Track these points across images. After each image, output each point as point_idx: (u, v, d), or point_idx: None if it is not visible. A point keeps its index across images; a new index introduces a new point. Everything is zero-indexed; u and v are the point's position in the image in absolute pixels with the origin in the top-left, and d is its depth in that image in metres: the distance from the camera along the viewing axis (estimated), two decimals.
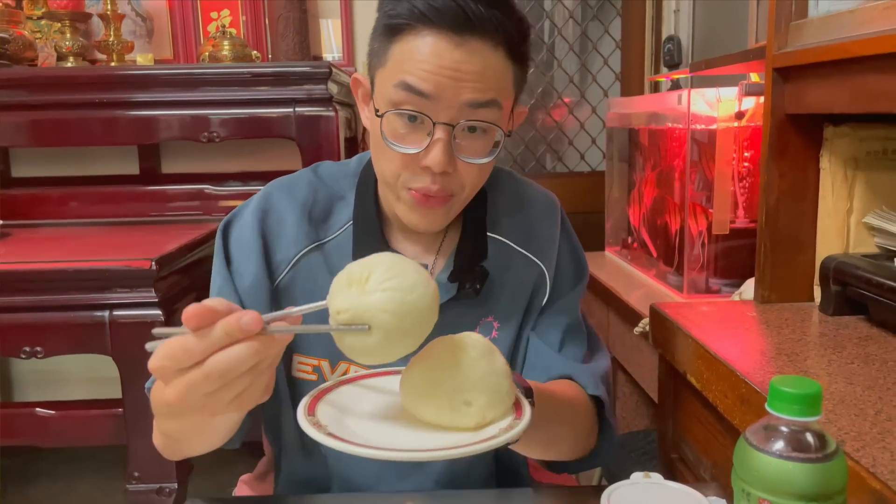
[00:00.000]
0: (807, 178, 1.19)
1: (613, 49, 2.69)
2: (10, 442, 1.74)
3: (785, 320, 1.13)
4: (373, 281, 0.62)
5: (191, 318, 0.59)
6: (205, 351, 0.59)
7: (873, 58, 0.91)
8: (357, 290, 0.63)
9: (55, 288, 1.61)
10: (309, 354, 0.96)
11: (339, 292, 0.64)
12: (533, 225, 1.03)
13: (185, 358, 0.60)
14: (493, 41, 0.83)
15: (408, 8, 0.82)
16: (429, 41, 0.82)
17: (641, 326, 1.50)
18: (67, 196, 2.28)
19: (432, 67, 0.81)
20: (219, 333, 0.59)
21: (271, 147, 2.36)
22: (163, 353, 0.61)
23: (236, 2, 2.43)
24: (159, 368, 0.61)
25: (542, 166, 2.78)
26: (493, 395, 0.64)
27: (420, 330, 0.65)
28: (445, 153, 0.84)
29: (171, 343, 0.60)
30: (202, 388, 0.60)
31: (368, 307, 0.62)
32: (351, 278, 0.64)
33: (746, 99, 1.51)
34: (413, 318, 0.63)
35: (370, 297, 0.62)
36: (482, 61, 0.83)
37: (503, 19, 0.83)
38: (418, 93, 0.82)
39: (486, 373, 0.64)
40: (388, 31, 0.85)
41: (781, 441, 0.56)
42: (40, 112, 2.08)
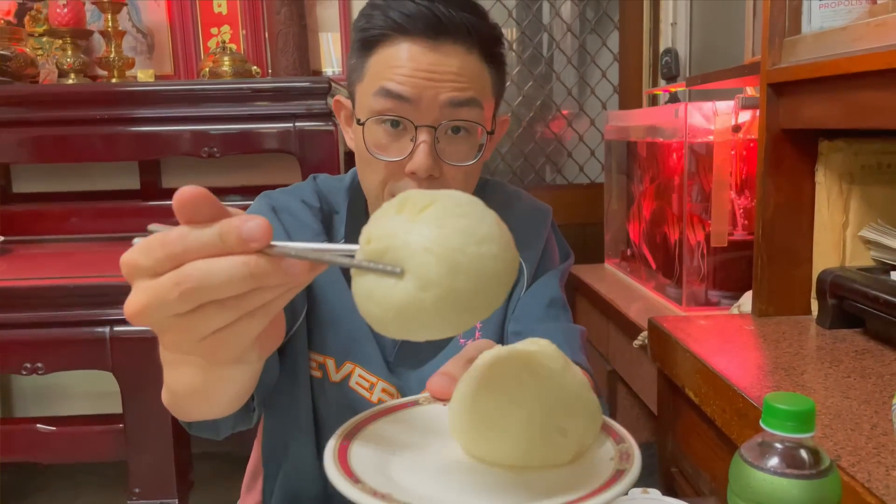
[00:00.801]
0: (802, 192, 1.19)
1: (611, 62, 2.71)
2: (10, 458, 1.74)
3: (782, 334, 1.13)
4: (431, 211, 0.44)
5: (185, 202, 0.45)
6: (186, 251, 0.45)
7: (865, 74, 0.92)
8: (406, 218, 0.44)
9: (56, 304, 1.62)
10: (317, 351, 0.95)
11: (383, 217, 0.46)
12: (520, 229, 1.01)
13: (162, 254, 0.45)
14: (466, 44, 0.85)
15: (381, 19, 0.84)
16: (404, 48, 0.83)
17: (641, 339, 1.50)
18: (68, 212, 2.30)
19: (409, 71, 0.83)
20: (211, 234, 0.45)
21: (272, 162, 2.37)
22: (140, 245, 0.46)
23: (236, 17, 2.44)
24: (129, 263, 0.46)
25: (542, 178, 2.79)
26: (589, 416, 0.51)
27: (476, 301, 0.44)
28: (430, 156, 0.84)
29: (154, 236, 0.46)
30: (170, 305, 0.45)
31: (410, 242, 0.43)
32: (405, 202, 0.46)
33: (743, 112, 1.52)
34: (471, 279, 0.42)
35: (419, 227, 0.43)
36: (459, 62, 0.84)
37: (475, 22, 0.85)
38: (397, 96, 0.83)
39: (577, 389, 0.50)
40: (364, 45, 0.86)
41: (776, 457, 0.56)
42: (41, 128, 2.09)
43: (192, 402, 0.68)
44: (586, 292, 2.10)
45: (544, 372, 0.50)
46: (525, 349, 0.54)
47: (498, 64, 0.91)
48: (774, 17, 1.15)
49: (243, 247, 0.44)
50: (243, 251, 0.44)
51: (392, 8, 0.84)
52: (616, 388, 2.00)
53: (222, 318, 0.46)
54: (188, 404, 0.69)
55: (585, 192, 2.67)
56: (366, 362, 0.94)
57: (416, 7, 0.83)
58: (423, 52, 0.83)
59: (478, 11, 0.87)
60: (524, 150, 2.75)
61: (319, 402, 0.97)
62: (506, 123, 0.98)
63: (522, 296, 1.02)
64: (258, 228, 0.44)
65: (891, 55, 0.86)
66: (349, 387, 0.95)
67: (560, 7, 2.72)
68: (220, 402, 0.68)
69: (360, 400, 0.95)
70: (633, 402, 1.95)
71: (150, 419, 1.63)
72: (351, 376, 0.95)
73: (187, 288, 0.44)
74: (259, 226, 0.44)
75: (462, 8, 0.85)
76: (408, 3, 0.83)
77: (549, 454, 0.49)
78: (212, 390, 0.64)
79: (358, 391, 0.95)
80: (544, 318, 0.99)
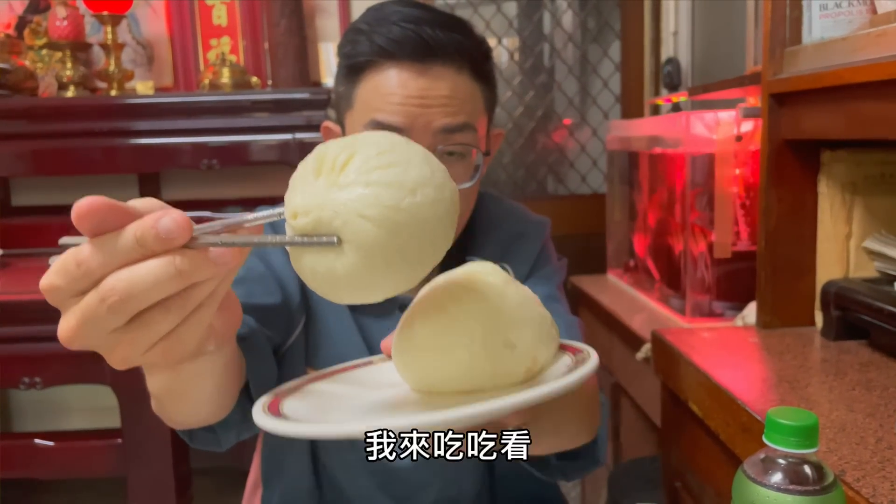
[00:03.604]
0: (805, 203, 1.18)
1: (613, 71, 2.70)
2: (8, 474, 1.74)
3: (786, 346, 1.12)
4: (352, 168, 0.40)
5: (84, 215, 0.41)
6: (104, 264, 0.42)
7: (866, 84, 0.91)
8: (326, 181, 0.41)
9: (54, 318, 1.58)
10: (314, 365, 0.94)
11: (302, 182, 0.43)
12: (513, 242, 1.03)
13: (79, 273, 0.42)
14: (456, 65, 0.84)
15: (367, 45, 0.83)
16: (393, 74, 0.82)
17: (644, 352, 1.49)
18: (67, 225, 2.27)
19: (399, 99, 0.82)
20: (126, 240, 0.42)
21: (272, 174, 2.37)
22: (55, 267, 0.44)
23: (236, 29, 2.44)
24: (49, 288, 0.43)
25: (544, 189, 2.78)
26: (538, 327, 0.46)
27: (425, 251, 0.41)
28: None
29: (67, 254, 0.43)
30: (104, 322, 0.42)
31: (340, 208, 0.40)
32: (321, 163, 0.42)
33: (745, 122, 1.51)
34: (414, 233, 0.40)
35: (345, 192, 0.40)
36: (449, 85, 0.83)
37: (463, 42, 0.84)
38: (389, 128, 0.81)
39: (522, 300, 0.46)
40: (351, 72, 0.85)
41: (779, 473, 0.56)
42: (41, 141, 2.09)
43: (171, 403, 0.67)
44: (589, 303, 2.09)
45: (482, 287, 0.46)
46: (462, 270, 0.50)
47: (488, 79, 0.90)
48: (775, 27, 1.14)
49: (164, 246, 0.41)
50: (165, 250, 0.41)
51: (377, 33, 0.83)
52: (619, 401, 1.99)
53: (163, 323, 0.43)
54: (169, 407, 0.68)
55: (588, 202, 2.66)
56: None
57: (402, 31, 0.82)
58: (412, 77, 0.82)
59: (464, 30, 0.86)
60: (526, 160, 2.74)
61: None
62: (500, 137, 0.98)
63: None
64: (175, 223, 0.41)
65: (892, 65, 0.86)
66: None
67: (561, 17, 2.72)
68: (198, 399, 0.66)
69: None
70: (636, 414, 1.93)
71: (149, 433, 1.62)
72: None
73: (114, 301, 0.41)
74: (175, 220, 0.41)
75: (449, 28, 0.83)
76: (393, 27, 0.82)
77: (498, 371, 0.44)
78: (183, 389, 0.62)
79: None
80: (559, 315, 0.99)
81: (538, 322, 0.45)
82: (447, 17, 0.86)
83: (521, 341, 0.45)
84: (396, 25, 0.82)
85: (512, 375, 0.45)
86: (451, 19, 0.86)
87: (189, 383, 0.61)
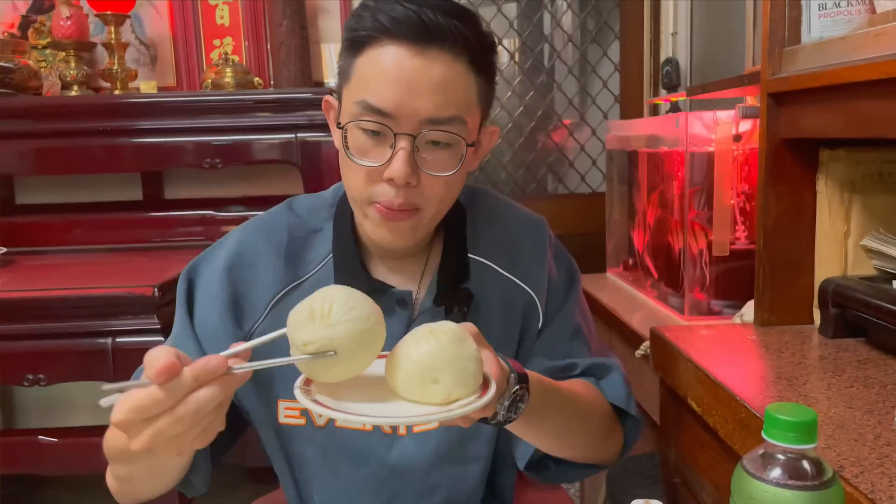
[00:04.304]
0: (804, 202, 1.19)
1: (612, 72, 2.71)
2: (12, 470, 1.74)
3: (785, 343, 1.13)
4: (335, 314, 0.68)
5: (161, 373, 0.61)
6: (174, 400, 0.62)
7: (865, 84, 0.92)
8: (321, 324, 0.68)
9: (58, 315, 1.62)
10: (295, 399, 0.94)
11: (304, 325, 0.69)
12: (516, 247, 1.03)
13: (155, 409, 0.62)
14: (453, 51, 0.84)
15: (370, 21, 0.84)
16: (390, 51, 0.83)
17: (643, 349, 1.50)
18: (71, 223, 2.30)
19: (391, 79, 0.82)
20: (187, 380, 0.62)
21: (274, 172, 2.38)
22: (129, 406, 0.62)
23: (239, 29, 2.45)
24: (125, 421, 0.63)
25: (543, 188, 2.79)
26: (459, 375, 0.69)
27: (375, 349, 0.72)
28: (408, 163, 0.83)
29: (137, 396, 0.62)
30: (171, 432, 0.63)
31: (334, 338, 0.68)
32: (313, 312, 0.69)
33: (743, 122, 1.52)
34: (370, 342, 0.70)
35: (335, 329, 0.68)
36: (443, 71, 0.83)
37: (463, 29, 0.84)
38: (378, 111, 0.83)
39: (453, 356, 0.69)
40: (352, 46, 0.87)
41: (778, 469, 0.56)
42: (45, 140, 2.10)
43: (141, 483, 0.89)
44: (588, 302, 2.08)
45: (435, 341, 0.70)
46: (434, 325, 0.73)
47: (487, 72, 0.89)
48: (774, 27, 1.15)
49: (213, 377, 0.63)
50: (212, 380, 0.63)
51: (381, 10, 0.84)
52: None
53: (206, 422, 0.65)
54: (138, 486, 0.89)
55: (587, 201, 2.67)
56: None
57: (404, 11, 0.82)
58: (407, 55, 0.83)
59: (468, 19, 0.86)
60: (525, 159, 2.75)
61: (305, 449, 0.97)
62: (495, 134, 0.97)
63: (543, 331, 1.01)
64: (219, 365, 0.63)
65: (891, 64, 0.86)
66: (336, 426, 0.95)
67: (561, 17, 2.73)
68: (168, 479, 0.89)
69: (353, 434, 0.95)
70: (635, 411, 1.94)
71: None
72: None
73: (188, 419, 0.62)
74: (219, 363, 0.63)
75: (451, 14, 0.84)
76: (396, 6, 0.83)
77: (425, 394, 0.69)
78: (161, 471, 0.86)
79: (348, 426, 0.95)
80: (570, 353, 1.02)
81: (461, 372, 0.69)
82: (454, 5, 0.86)
83: (443, 381, 0.69)
84: (400, 5, 0.83)
85: (433, 400, 0.69)
86: (457, 7, 0.86)
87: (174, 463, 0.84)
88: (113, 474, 0.91)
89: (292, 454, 0.99)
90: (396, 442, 0.96)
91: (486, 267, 1.00)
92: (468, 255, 1.00)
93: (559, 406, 0.90)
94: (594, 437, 0.98)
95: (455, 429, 0.95)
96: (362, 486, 0.98)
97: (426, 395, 0.69)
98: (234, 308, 0.95)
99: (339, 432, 0.95)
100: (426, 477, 0.98)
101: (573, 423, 0.93)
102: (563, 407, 0.91)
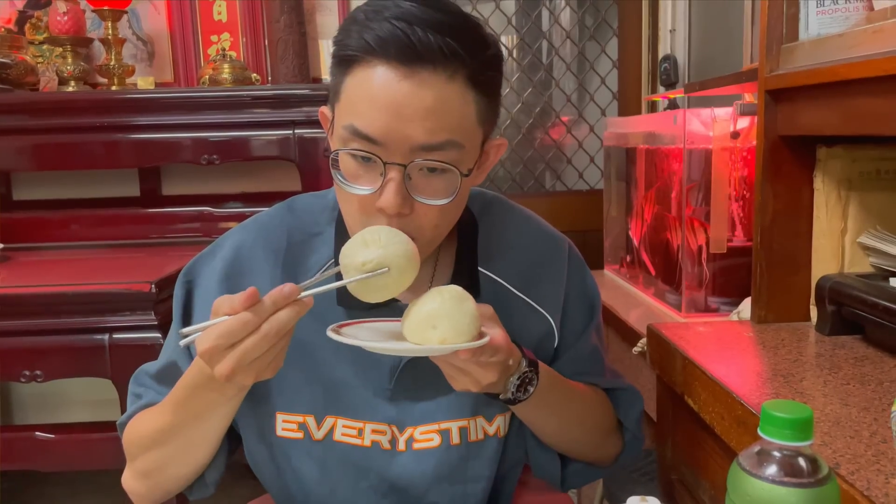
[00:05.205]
0: (801, 199, 1.19)
1: (611, 69, 2.71)
2: (9, 466, 1.74)
3: (781, 340, 1.13)
4: (384, 239, 0.78)
5: (246, 300, 0.70)
6: (258, 321, 0.70)
7: (862, 81, 0.92)
8: (375, 246, 0.78)
9: (55, 311, 1.62)
10: (293, 412, 0.93)
11: (360, 250, 0.79)
12: (534, 268, 0.98)
13: (242, 331, 0.70)
14: (447, 72, 0.77)
15: (356, 39, 0.78)
16: (378, 73, 0.77)
17: (640, 346, 1.50)
18: (68, 219, 2.30)
19: (380, 105, 0.77)
20: (268, 304, 0.70)
21: (271, 168, 2.38)
22: (217, 333, 0.70)
23: (236, 25, 2.45)
24: (213, 348, 0.71)
25: (541, 185, 2.79)
26: (454, 325, 0.77)
27: (416, 266, 0.80)
28: (398, 194, 0.79)
29: (224, 324, 0.70)
30: (254, 353, 0.71)
31: (388, 256, 0.78)
32: (366, 241, 0.79)
33: (741, 119, 1.52)
34: (412, 259, 0.80)
35: (387, 249, 0.78)
36: (434, 95, 0.77)
37: (459, 48, 0.77)
38: (366, 138, 0.78)
39: (451, 309, 0.78)
40: (341, 64, 0.82)
41: (774, 466, 0.56)
42: (42, 136, 2.10)
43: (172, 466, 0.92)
44: None
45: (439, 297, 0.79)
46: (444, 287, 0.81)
47: (488, 90, 0.83)
48: (772, 24, 1.15)
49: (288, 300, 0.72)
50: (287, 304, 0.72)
51: (368, 28, 0.78)
52: None
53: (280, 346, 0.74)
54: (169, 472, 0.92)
55: (585, 198, 2.67)
56: (346, 411, 0.92)
57: (392, 29, 0.76)
58: (396, 79, 0.77)
59: (466, 34, 0.79)
60: (523, 156, 2.75)
61: (302, 463, 0.95)
62: (503, 147, 0.91)
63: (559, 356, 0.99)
64: (293, 290, 0.72)
65: (888, 61, 0.86)
66: (335, 440, 0.93)
67: (559, 14, 2.73)
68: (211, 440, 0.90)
69: (351, 449, 0.93)
70: None
71: None
72: (335, 430, 0.93)
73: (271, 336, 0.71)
74: (292, 289, 0.72)
75: (445, 31, 0.76)
76: (384, 23, 0.76)
77: (424, 338, 0.78)
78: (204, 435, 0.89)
79: (347, 441, 0.93)
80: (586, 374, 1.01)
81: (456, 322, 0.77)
82: (449, 17, 0.78)
83: (440, 327, 0.77)
84: (388, 22, 0.76)
85: (431, 342, 0.77)
86: (453, 20, 0.78)
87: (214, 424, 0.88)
88: (139, 470, 0.93)
89: (287, 469, 0.96)
90: (396, 458, 0.94)
91: (497, 285, 0.96)
92: (479, 268, 0.95)
93: (566, 397, 0.93)
94: (594, 435, 1.00)
95: (456, 448, 0.93)
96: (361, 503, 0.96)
97: (425, 339, 0.78)
98: None
99: (337, 446, 0.93)
100: (425, 495, 0.95)
101: (577, 416, 0.96)
102: (569, 399, 0.94)
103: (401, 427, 0.93)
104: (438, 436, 0.93)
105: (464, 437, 0.94)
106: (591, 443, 1.01)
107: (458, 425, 0.94)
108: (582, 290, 1.02)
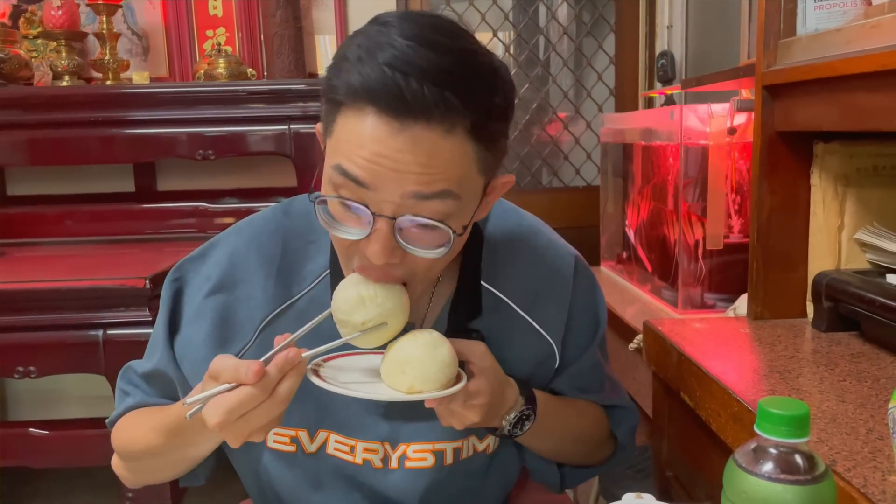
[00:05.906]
0: (798, 195, 1.19)
1: (608, 65, 2.71)
2: (3, 463, 1.74)
3: (778, 337, 1.13)
4: (380, 297, 0.79)
5: (256, 374, 0.69)
6: (267, 393, 0.70)
7: (860, 76, 0.92)
8: (373, 304, 0.79)
9: (49, 307, 1.61)
10: (285, 425, 0.90)
11: (357, 309, 0.80)
12: (539, 288, 0.94)
13: (251, 405, 0.70)
14: (443, 126, 0.70)
15: (345, 82, 0.71)
16: (369, 122, 0.70)
17: (636, 342, 1.49)
18: (63, 214, 2.29)
19: (370, 155, 0.71)
20: (274, 375, 0.70)
21: (267, 164, 2.37)
22: (225, 408, 0.69)
23: (232, 20, 2.44)
24: (223, 423, 0.70)
25: (538, 181, 2.79)
26: (424, 372, 0.79)
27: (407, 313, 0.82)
28: (386, 247, 0.74)
29: (231, 398, 0.69)
30: (262, 421, 0.72)
31: (385, 313, 0.79)
32: (363, 298, 0.79)
33: (738, 115, 1.52)
34: (404, 309, 0.81)
35: (384, 306, 0.79)
36: (428, 151, 0.70)
37: (456, 102, 0.70)
38: (355, 181, 0.72)
39: (423, 355, 0.79)
40: (331, 102, 0.75)
41: (770, 463, 0.56)
42: (36, 131, 2.09)
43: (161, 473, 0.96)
44: None
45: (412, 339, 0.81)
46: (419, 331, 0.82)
47: (490, 140, 0.75)
48: (769, 19, 1.14)
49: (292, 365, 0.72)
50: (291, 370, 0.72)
51: (359, 71, 0.70)
52: None
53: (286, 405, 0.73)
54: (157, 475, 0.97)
55: (581, 194, 2.67)
56: (339, 427, 0.91)
57: (384, 78, 0.68)
58: (388, 133, 0.70)
59: (468, 82, 0.71)
60: (520, 152, 2.74)
61: (292, 476, 0.94)
62: (508, 184, 0.83)
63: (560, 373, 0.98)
64: (296, 355, 0.72)
65: (886, 56, 0.86)
66: (327, 454, 0.92)
67: (556, 10, 2.72)
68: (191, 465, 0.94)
69: (343, 464, 0.92)
70: None
71: None
72: (327, 444, 0.91)
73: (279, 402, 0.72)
74: (296, 354, 0.72)
75: (443, 82, 0.69)
76: (378, 68, 0.69)
77: (395, 381, 0.79)
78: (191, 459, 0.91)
79: (339, 456, 0.92)
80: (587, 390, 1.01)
81: (425, 369, 0.79)
82: (450, 60, 0.70)
83: (409, 373, 0.79)
84: (381, 68, 0.69)
85: (399, 387, 0.79)
86: (454, 64, 0.71)
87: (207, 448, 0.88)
88: (128, 468, 0.96)
89: (277, 482, 0.95)
90: (388, 476, 0.92)
91: (501, 303, 0.92)
92: (482, 283, 0.92)
93: (561, 422, 0.95)
94: (588, 447, 1.03)
95: (448, 467, 0.93)
96: None
97: (396, 382, 0.80)
98: (222, 329, 0.89)
99: (330, 460, 0.92)
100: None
101: (572, 436, 0.99)
102: (565, 422, 0.96)
103: (394, 444, 0.92)
104: (432, 456, 0.92)
105: (457, 457, 0.93)
106: (584, 453, 1.03)
107: (453, 446, 0.92)
108: (587, 307, 0.99)
